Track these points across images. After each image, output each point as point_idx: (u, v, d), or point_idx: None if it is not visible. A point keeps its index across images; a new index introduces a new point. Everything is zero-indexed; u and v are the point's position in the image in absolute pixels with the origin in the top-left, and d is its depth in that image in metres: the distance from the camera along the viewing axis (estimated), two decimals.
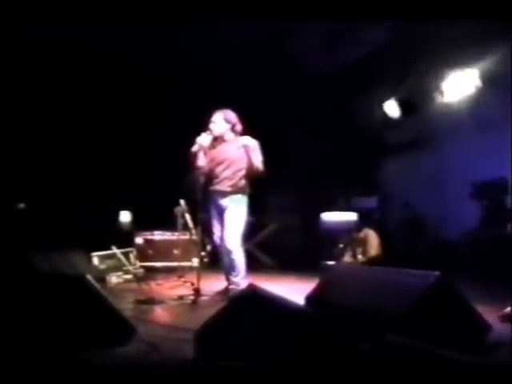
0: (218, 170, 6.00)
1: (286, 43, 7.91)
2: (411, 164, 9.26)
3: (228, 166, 5.99)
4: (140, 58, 8.32)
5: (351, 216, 8.22)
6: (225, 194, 5.96)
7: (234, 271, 5.91)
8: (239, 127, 6.11)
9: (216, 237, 6.08)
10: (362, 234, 7.57)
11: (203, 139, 5.91)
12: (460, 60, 7.58)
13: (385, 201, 9.60)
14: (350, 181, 9.45)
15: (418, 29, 6.95)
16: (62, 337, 3.42)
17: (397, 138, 9.35)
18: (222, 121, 6.04)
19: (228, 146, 6.04)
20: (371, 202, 9.46)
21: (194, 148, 5.91)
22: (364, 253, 7.41)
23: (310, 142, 9.52)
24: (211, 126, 6.02)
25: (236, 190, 5.97)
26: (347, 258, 7.57)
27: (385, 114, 8.99)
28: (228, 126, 6.06)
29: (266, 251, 9.48)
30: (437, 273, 3.81)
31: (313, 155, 9.57)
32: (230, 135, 6.08)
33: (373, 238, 7.44)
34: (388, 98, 8.81)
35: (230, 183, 5.97)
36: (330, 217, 8.55)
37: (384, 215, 9.39)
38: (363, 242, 7.48)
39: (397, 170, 9.61)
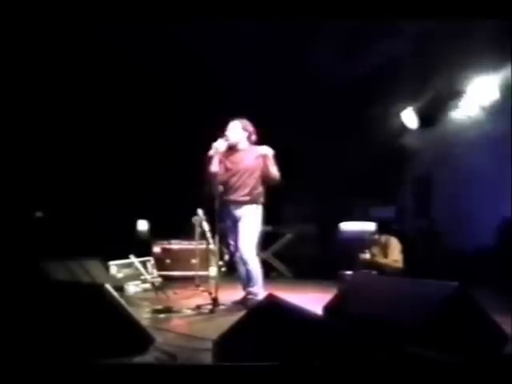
0: (233, 179, 6.01)
1: (302, 52, 7.91)
2: (429, 174, 9.22)
3: (242, 176, 6.00)
4: (156, 66, 8.36)
5: (369, 226, 8.19)
6: (239, 204, 5.98)
7: (250, 281, 5.91)
8: (255, 137, 6.14)
9: (232, 246, 6.11)
10: (383, 239, 7.53)
11: (219, 144, 5.93)
12: (480, 70, 7.55)
13: (402, 211, 9.56)
14: (368, 190, 9.41)
15: (437, 38, 6.93)
16: (81, 346, 3.43)
17: (414, 148, 9.31)
18: (239, 129, 6.07)
19: (243, 155, 6.06)
20: (389, 211, 9.41)
21: (210, 152, 5.93)
22: (385, 256, 7.37)
23: (327, 151, 9.50)
24: (228, 132, 6.05)
25: (250, 200, 5.98)
26: (366, 256, 7.51)
27: (401, 125, 8.97)
28: (245, 135, 6.09)
29: (283, 261, 9.48)
30: (455, 283, 3.79)
31: (329, 164, 9.54)
32: (245, 144, 6.10)
33: (395, 244, 7.39)
34: (405, 108, 8.79)
35: (244, 193, 5.98)
36: (348, 226, 8.54)
37: (402, 225, 9.34)
38: (384, 246, 7.44)
39: (414, 181, 9.58)
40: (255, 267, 5.90)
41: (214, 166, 5.91)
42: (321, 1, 5.87)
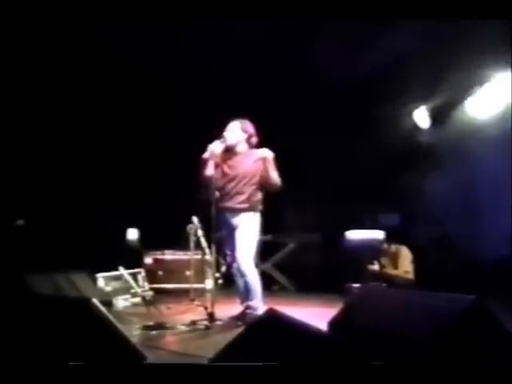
0: (230, 185, 6.01)
1: (305, 48, 7.91)
2: (441, 179, 9.20)
3: (240, 182, 5.99)
4: (151, 68, 8.44)
5: (378, 234, 8.17)
6: (236, 212, 5.97)
7: (249, 294, 5.90)
8: (255, 140, 6.12)
9: (229, 257, 6.11)
10: (392, 248, 7.53)
11: (215, 146, 5.92)
12: (497, 68, 7.57)
13: (413, 218, 9.54)
14: (376, 196, 9.40)
15: (451, 35, 6.94)
16: (66, 365, 3.42)
17: (425, 150, 9.30)
18: (238, 130, 6.06)
19: (242, 159, 6.05)
20: (399, 218, 9.40)
21: (205, 155, 5.92)
22: (395, 267, 7.37)
23: (332, 153, 9.49)
24: (226, 133, 6.04)
25: (248, 208, 5.97)
26: (375, 267, 7.50)
27: (412, 126, 8.97)
28: (244, 136, 6.07)
29: (284, 272, 9.48)
30: (471, 296, 3.78)
31: (334, 168, 9.53)
32: (243, 147, 6.09)
33: (405, 254, 7.39)
34: (416, 108, 8.79)
35: (242, 200, 5.97)
36: (354, 235, 8.51)
37: (412, 233, 9.33)
38: (394, 256, 7.44)
39: (425, 185, 9.56)
40: (254, 279, 5.89)
41: (209, 170, 5.89)
42: (321, 1, 5.97)
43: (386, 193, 9.41)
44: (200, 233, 6.28)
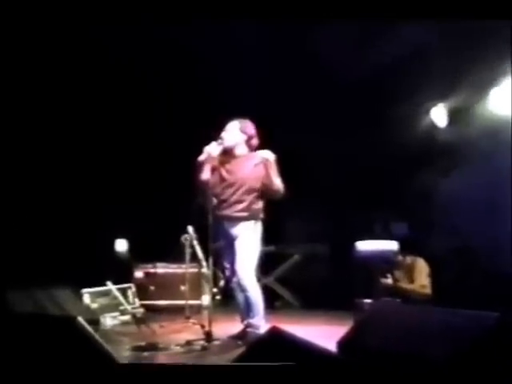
0: (228, 192, 6.01)
1: (309, 41, 7.93)
2: (460, 183, 9.19)
3: (239, 187, 5.99)
4: (149, 68, 8.57)
5: (391, 245, 8.17)
6: (235, 221, 5.97)
7: (250, 311, 5.90)
8: (255, 141, 6.12)
9: (228, 270, 6.10)
10: (408, 260, 7.54)
11: (212, 148, 5.92)
12: None
13: (429, 226, 9.53)
14: (388, 203, 9.41)
15: (467, 30, 6.97)
16: None
17: (442, 151, 9.29)
18: (236, 130, 6.07)
19: (241, 163, 6.05)
20: (413, 227, 9.38)
21: (201, 157, 5.92)
22: (411, 280, 7.37)
23: (339, 156, 9.50)
24: (223, 134, 6.04)
25: (248, 216, 5.96)
26: (388, 280, 7.51)
27: (428, 125, 8.97)
28: (243, 138, 6.07)
29: (288, 287, 9.48)
30: (495, 314, 3.77)
31: (343, 172, 9.54)
32: (242, 149, 6.10)
33: (422, 266, 7.40)
34: (433, 106, 8.80)
35: (241, 208, 5.97)
36: (365, 246, 8.51)
37: (428, 243, 9.32)
38: (409, 269, 7.45)
39: (443, 190, 9.55)
40: (255, 295, 5.89)
41: (205, 174, 5.90)
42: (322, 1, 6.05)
43: (400, 199, 9.40)
44: (196, 243, 6.29)
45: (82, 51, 8.03)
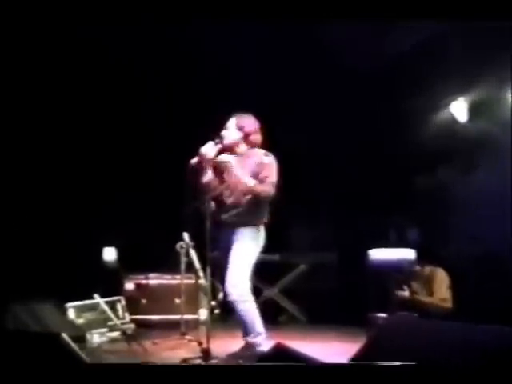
0: (226, 194, 6.02)
1: (315, 30, 7.96)
2: (483, 184, 9.16)
3: (236, 189, 5.98)
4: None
5: (407, 253, 8.17)
6: (232, 226, 5.96)
7: (245, 329, 5.89)
8: (255, 137, 6.10)
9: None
10: (426, 271, 7.53)
11: (207, 148, 5.91)
12: None
13: (449, 233, 9.50)
14: (404, 207, 9.40)
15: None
16: None
17: (461, 149, 9.26)
18: (233, 127, 6.07)
19: (240, 162, 6.04)
20: (432, 234, 9.37)
21: (194, 160, 5.91)
22: (429, 293, 7.37)
23: (349, 156, 9.50)
24: (223, 132, 6.05)
25: (246, 221, 5.95)
26: (405, 293, 7.51)
27: (446, 121, 8.96)
28: (239, 135, 6.06)
29: (294, 299, 9.46)
30: None
31: (353, 174, 9.54)
32: (242, 147, 6.09)
33: (442, 277, 7.40)
34: (452, 100, 8.79)
35: (239, 212, 5.96)
36: (379, 254, 8.50)
37: (449, 251, 9.30)
38: (428, 280, 7.44)
39: (465, 193, 9.52)
40: (248, 309, 5.87)
41: (207, 176, 5.90)
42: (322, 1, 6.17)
43: (416, 202, 9.39)
44: (192, 252, 6.28)
45: (82, 51, 8.24)
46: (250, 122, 6.10)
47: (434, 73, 8.23)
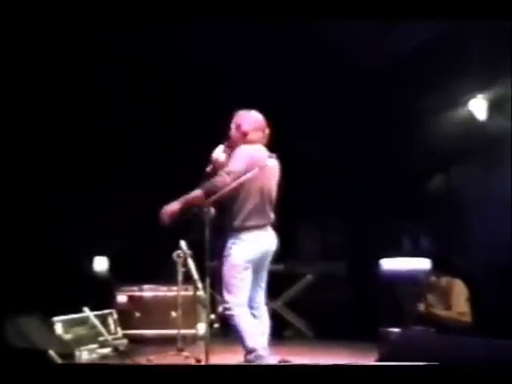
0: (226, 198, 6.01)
1: (321, 26, 8.01)
2: (503, 187, 9.13)
3: (230, 192, 5.97)
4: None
5: (422, 263, 8.16)
6: (225, 233, 5.94)
7: (241, 344, 5.86)
8: (254, 136, 6.03)
9: None
10: (443, 282, 7.51)
11: (218, 153, 5.92)
12: None
13: (467, 241, 9.47)
14: (417, 212, 9.38)
15: None
16: None
17: (480, 150, 9.25)
18: (233, 126, 6.08)
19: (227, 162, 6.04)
20: (448, 242, 9.35)
21: (208, 168, 5.92)
22: (447, 306, 7.35)
23: (359, 158, 9.50)
24: (230, 132, 6.09)
25: (233, 227, 5.91)
26: (420, 306, 7.50)
27: (464, 120, 8.95)
28: (237, 134, 6.05)
29: (300, 313, 9.45)
30: None
31: (363, 176, 9.53)
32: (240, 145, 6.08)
33: (461, 290, 7.38)
34: (473, 97, 8.79)
35: (230, 216, 5.93)
36: (391, 264, 8.50)
37: (467, 261, 9.27)
38: (445, 292, 7.43)
39: (484, 196, 9.49)
40: (235, 323, 5.83)
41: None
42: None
43: (431, 207, 9.38)
44: (190, 262, 6.26)
45: (82, 51, 8.46)
46: (247, 119, 6.06)
47: (452, 71, 8.24)
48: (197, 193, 5.75)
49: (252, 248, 5.88)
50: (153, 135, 9.31)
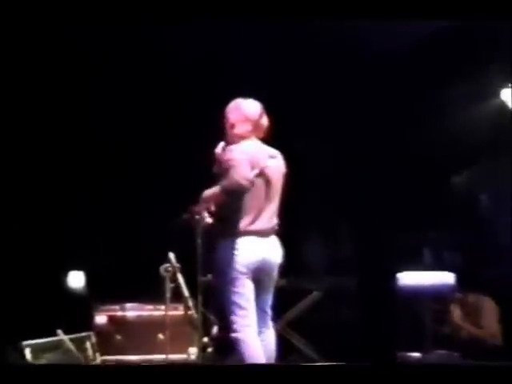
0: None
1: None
2: None
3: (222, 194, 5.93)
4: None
5: (446, 277, 8.13)
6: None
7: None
8: (242, 128, 5.96)
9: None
10: (471, 299, 7.49)
11: (219, 149, 5.89)
12: None
13: (497, 253, 9.46)
14: (440, 220, 9.37)
15: None
16: None
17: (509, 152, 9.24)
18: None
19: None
20: (475, 254, 9.34)
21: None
22: (476, 327, 7.33)
23: (372, 159, 9.50)
24: None
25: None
26: (444, 328, 7.48)
27: (494, 112, 8.94)
28: (225, 125, 6.00)
29: (305, 334, 9.41)
30: None
31: (376, 180, 9.53)
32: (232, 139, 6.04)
33: (491, 308, 7.39)
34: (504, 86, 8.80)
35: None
36: (410, 278, 8.47)
37: (497, 276, 9.26)
38: (473, 311, 7.42)
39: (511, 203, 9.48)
40: (244, 347, 5.76)
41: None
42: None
43: (456, 214, 9.37)
44: (180, 276, 6.22)
45: (81, 51, 8.75)
46: (234, 109, 6.00)
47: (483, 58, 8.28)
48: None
49: (249, 255, 5.78)
50: (139, 140, 9.36)
